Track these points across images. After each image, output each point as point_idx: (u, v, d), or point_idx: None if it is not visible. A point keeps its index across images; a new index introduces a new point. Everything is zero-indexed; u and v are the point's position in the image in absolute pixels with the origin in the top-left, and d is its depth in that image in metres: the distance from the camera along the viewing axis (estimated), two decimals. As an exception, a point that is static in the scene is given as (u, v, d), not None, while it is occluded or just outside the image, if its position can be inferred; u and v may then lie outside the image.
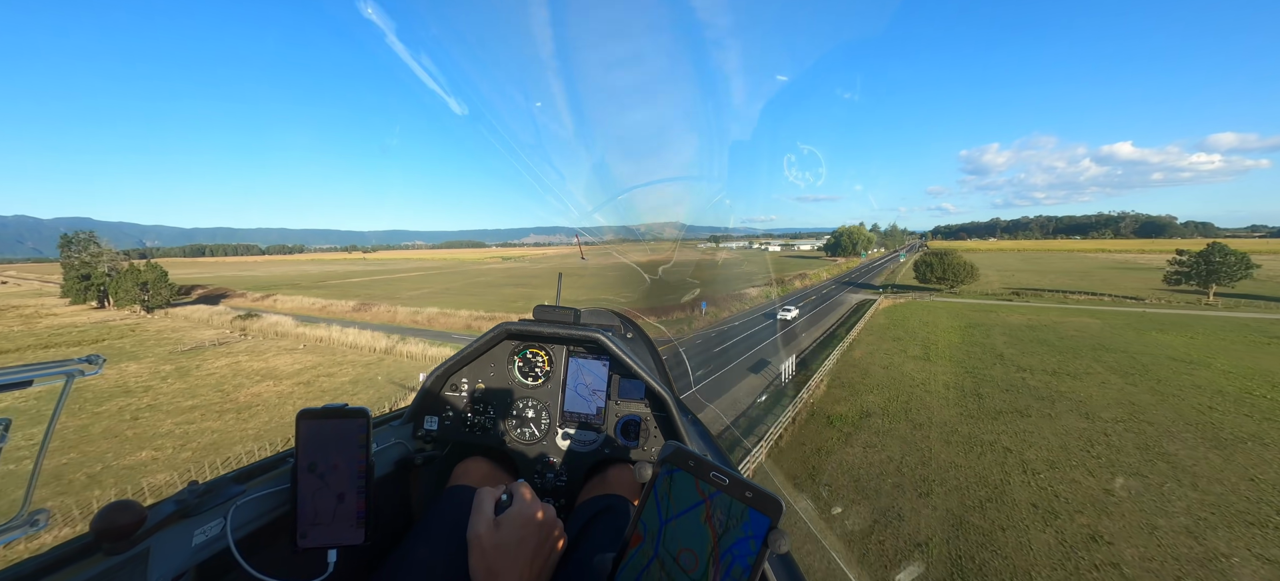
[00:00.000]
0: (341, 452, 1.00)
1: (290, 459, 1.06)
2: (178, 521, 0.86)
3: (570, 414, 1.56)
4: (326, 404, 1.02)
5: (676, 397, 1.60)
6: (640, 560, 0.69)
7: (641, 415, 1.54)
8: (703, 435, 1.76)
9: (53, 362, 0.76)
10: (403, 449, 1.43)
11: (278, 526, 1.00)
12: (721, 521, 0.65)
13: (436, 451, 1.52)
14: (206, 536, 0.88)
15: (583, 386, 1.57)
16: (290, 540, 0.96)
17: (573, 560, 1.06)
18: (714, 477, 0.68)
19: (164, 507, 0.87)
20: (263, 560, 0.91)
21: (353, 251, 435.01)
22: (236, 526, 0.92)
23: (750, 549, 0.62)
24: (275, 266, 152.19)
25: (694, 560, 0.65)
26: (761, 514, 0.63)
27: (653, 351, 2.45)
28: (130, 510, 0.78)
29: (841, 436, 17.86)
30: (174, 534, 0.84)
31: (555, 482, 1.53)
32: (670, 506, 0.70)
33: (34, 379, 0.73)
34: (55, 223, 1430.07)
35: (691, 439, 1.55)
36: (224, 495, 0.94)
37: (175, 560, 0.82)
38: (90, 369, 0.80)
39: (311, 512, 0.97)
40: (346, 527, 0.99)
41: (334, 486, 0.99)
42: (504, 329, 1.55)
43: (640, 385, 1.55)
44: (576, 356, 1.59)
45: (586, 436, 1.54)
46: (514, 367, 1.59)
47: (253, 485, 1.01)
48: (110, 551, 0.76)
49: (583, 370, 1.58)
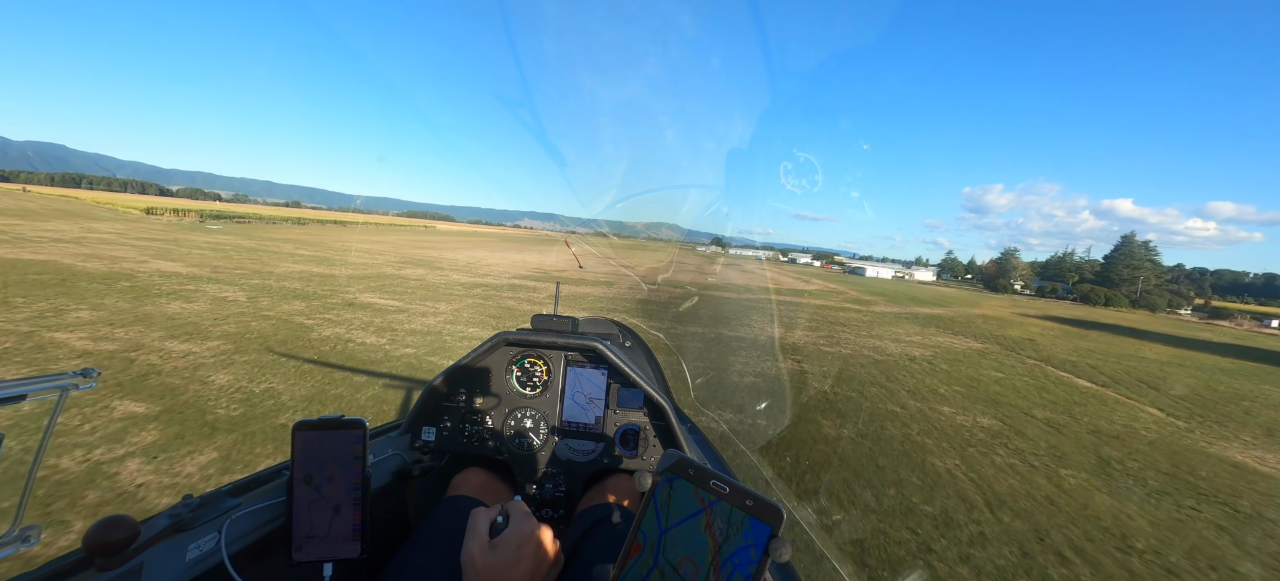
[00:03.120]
0: (338, 464, 0.99)
1: (286, 471, 1.05)
2: (172, 536, 0.85)
3: (569, 423, 1.55)
4: (323, 415, 1.01)
5: (675, 406, 1.60)
6: (640, 569, 0.69)
7: (640, 424, 1.54)
8: (702, 443, 1.75)
9: (47, 376, 0.75)
10: (400, 460, 1.42)
11: (273, 540, 0.99)
12: (722, 530, 0.65)
13: (434, 462, 1.51)
14: (201, 551, 0.87)
15: (581, 395, 1.57)
16: (286, 554, 0.95)
17: (572, 570, 1.05)
18: (714, 486, 0.67)
19: (158, 522, 0.86)
20: (258, 574, 0.90)
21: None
22: (231, 540, 0.91)
23: (751, 557, 0.62)
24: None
25: (694, 569, 0.65)
26: (762, 522, 0.62)
27: (651, 360, 2.45)
28: (123, 525, 0.77)
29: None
30: (168, 549, 0.83)
31: (554, 492, 1.52)
32: (670, 515, 0.69)
33: (27, 393, 0.73)
34: (24, 145, 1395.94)
35: (691, 447, 1.54)
36: (219, 508, 0.93)
37: (169, 575, 0.81)
38: (85, 383, 0.80)
39: (307, 525, 0.96)
40: (342, 540, 0.98)
41: (330, 499, 0.98)
42: (502, 338, 1.54)
43: (639, 394, 1.54)
44: (575, 365, 1.59)
45: (585, 446, 1.54)
46: (512, 377, 1.59)
47: (248, 498, 1.00)
48: (103, 567, 0.75)
49: (581, 379, 1.57)
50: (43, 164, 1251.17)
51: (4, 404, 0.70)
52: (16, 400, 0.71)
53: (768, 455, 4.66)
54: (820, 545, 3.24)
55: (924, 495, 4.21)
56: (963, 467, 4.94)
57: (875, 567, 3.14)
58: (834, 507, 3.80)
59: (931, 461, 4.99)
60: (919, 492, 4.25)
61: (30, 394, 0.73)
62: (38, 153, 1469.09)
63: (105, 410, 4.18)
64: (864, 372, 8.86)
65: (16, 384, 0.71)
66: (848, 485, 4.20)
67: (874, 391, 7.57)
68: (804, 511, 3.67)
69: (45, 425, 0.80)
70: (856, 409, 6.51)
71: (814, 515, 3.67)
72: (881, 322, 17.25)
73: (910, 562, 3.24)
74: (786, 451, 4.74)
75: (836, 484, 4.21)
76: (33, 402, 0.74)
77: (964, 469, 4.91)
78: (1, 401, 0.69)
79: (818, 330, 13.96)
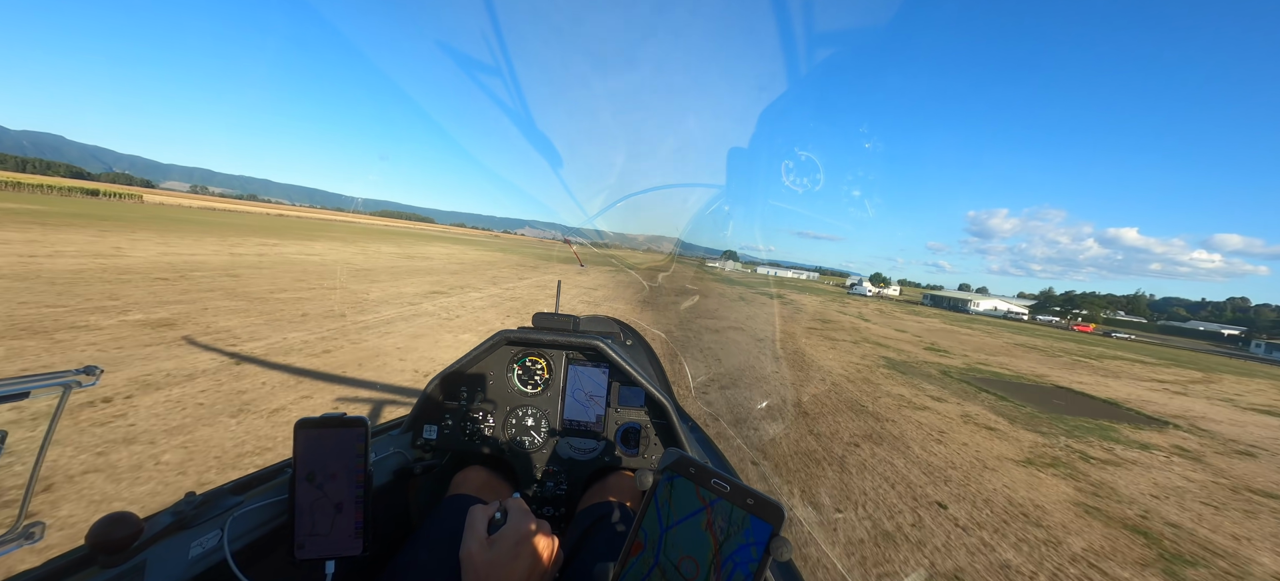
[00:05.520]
0: (340, 462, 0.99)
1: (288, 469, 1.05)
2: (175, 533, 0.85)
3: (570, 422, 1.56)
4: (324, 413, 1.01)
5: (676, 405, 1.60)
6: (641, 568, 0.69)
7: (641, 422, 1.54)
8: (703, 442, 1.75)
9: (50, 374, 0.75)
10: (401, 458, 1.43)
11: (275, 537, 1.00)
12: (723, 528, 0.65)
13: (435, 460, 1.51)
14: (203, 548, 0.87)
15: (582, 394, 1.57)
16: (288, 551, 0.95)
17: (573, 569, 1.05)
18: (715, 484, 0.68)
19: (161, 519, 0.86)
20: (260, 571, 0.91)
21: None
22: (234, 538, 0.91)
23: (752, 556, 0.62)
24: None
25: (695, 567, 0.65)
26: (763, 520, 0.62)
27: (652, 358, 2.45)
28: (126, 522, 0.77)
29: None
30: (171, 546, 0.84)
31: (555, 491, 1.52)
32: (671, 513, 0.70)
33: (31, 390, 0.73)
34: (20, 134, 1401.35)
35: (692, 446, 1.54)
36: (221, 506, 0.94)
37: (172, 572, 0.82)
38: (87, 380, 0.80)
39: (309, 523, 0.96)
40: (344, 538, 0.98)
41: (332, 497, 0.98)
42: (503, 336, 1.55)
43: (640, 392, 1.54)
44: (576, 364, 1.59)
45: (586, 444, 1.54)
46: (513, 375, 1.59)
47: (250, 496, 1.00)
48: (106, 564, 0.75)
49: (582, 378, 1.58)
50: (38, 153, 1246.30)
51: (7, 401, 0.71)
52: (20, 397, 0.72)
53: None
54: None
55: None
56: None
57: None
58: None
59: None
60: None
61: (33, 391, 0.73)
62: (33, 142, 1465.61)
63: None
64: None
65: (20, 381, 0.71)
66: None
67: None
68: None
69: (48, 422, 0.80)
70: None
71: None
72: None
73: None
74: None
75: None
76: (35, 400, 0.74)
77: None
78: (4, 399, 0.70)
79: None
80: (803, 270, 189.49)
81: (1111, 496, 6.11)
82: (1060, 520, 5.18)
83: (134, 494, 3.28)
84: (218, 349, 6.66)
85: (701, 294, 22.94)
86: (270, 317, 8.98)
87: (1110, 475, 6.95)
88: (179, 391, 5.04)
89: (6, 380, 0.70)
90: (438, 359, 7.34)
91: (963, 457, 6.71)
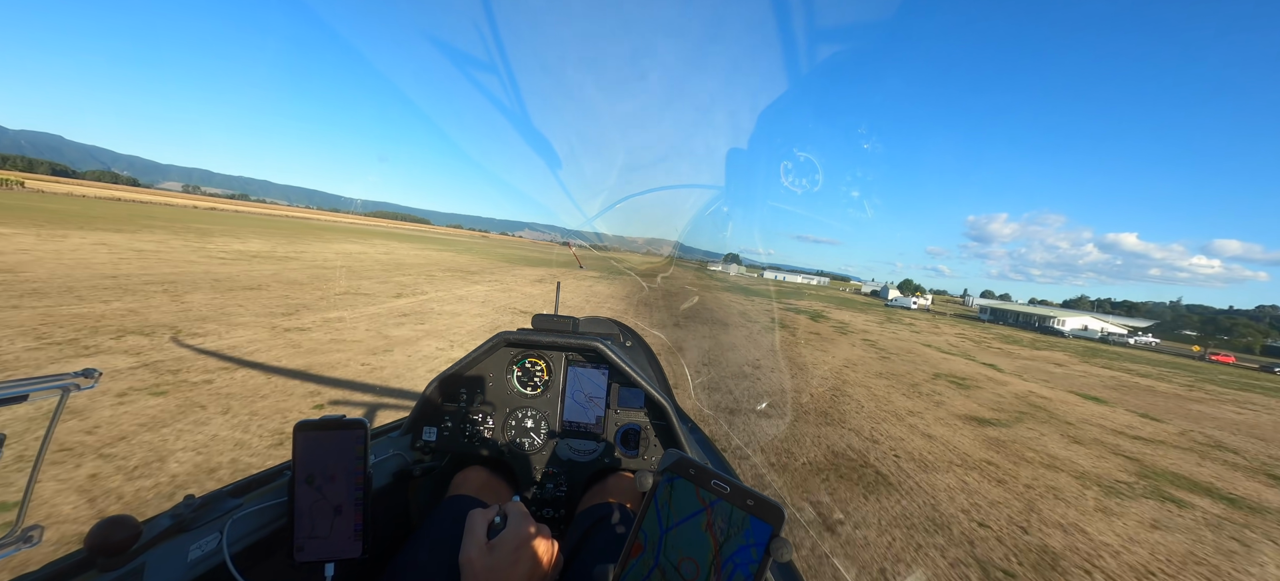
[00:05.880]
0: (339, 464, 0.99)
1: (287, 471, 1.05)
2: (173, 536, 0.85)
3: (569, 423, 1.55)
4: (324, 415, 1.01)
5: (676, 406, 1.60)
6: (641, 569, 0.69)
7: (641, 424, 1.54)
8: (703, 443, 1.75)
9: (48, 377, 0.75)
10: (401, 460, 1.43)
11: (275, 540, 0.99)
12: (723, 529, 0.65)
13: (435, 462, 1.51)
14: (202, 551, 0.87)
15: (582, 395, 1.57)
16: (287, 554, 0.95)
17: (573, 570, 1.05)
18: (715, 485, 0.67)
19: (159, 522, 0.86)
20: (260, 574, 0.90)
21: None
22: (233, 540, 0.91)
23: (752, 557, 0.62)
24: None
25: (695, 569, 0.65)
26: (763, 521, 0.62)
27: (652, 360, 2.45)
28: (125, 525, 0.77)
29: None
30: (169, 549, 0.83)
31: (554, 492, 1.52)
32: (671, 515, 0.69)
33: (29, 393, 0.73)
34: (18, 133, 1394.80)
35: (691, 447, 1.54)
36: (220, 509, 0.93)
37: (170, 576, 0.81)
38: (86, 383, 0.80)
39: (308, 526, 0.96)
40: (344, 540, 0.98)
41: (331, 499, 0.98)
42: (502, 337, 1.54)
43: (640, 394, 1.54)
44: (575, 365, 1.59)
45: (586, 445, 1.54)
46: (512, 377, 1.59)
47: (249, 498, 1.00)
48: (104, 567, 0.75)
49: (582, 379, 1.57)
50: (37, 153, 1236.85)
51: (6, 404, 0.70)
52: (18, 400, 0.71)
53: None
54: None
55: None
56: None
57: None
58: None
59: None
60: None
61: (32, 394, 0.73)
62: (32, 141, 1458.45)
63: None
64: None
65: (18, 384, 0.71)
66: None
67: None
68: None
69: (47, 426, 0.80)
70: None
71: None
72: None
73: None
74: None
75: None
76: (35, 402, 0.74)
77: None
78: (3, 402, 0.70)
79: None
80: (810, 275, 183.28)
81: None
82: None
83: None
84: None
85: (701, 310, 19.75)
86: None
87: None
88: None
89: (4, 383, 0.70)
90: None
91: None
